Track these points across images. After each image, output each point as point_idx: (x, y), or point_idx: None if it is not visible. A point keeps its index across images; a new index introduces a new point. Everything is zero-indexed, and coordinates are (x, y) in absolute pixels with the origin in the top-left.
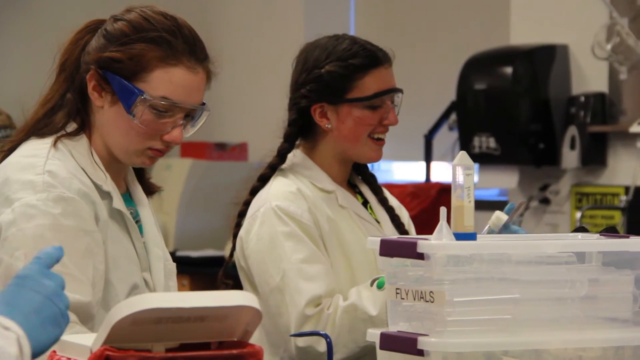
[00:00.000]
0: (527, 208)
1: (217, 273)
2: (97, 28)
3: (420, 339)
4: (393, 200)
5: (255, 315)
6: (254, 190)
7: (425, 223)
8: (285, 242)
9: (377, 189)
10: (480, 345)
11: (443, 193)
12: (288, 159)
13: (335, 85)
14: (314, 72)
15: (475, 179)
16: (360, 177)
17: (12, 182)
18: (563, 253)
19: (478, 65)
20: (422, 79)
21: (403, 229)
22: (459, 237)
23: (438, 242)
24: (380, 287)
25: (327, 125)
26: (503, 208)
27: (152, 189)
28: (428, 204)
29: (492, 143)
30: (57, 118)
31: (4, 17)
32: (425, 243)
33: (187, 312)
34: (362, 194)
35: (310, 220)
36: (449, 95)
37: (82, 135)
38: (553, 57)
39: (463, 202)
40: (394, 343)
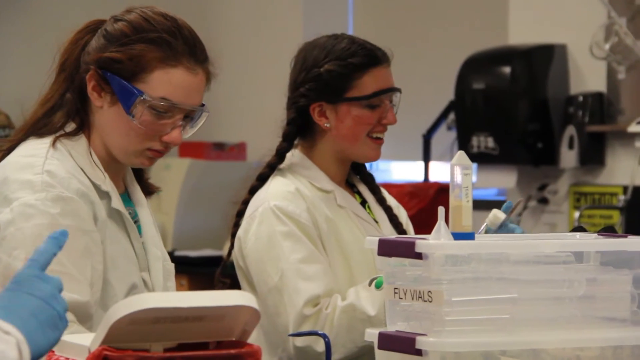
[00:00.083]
0: (525, 207)
1: (215, 273)
2: (97, 28)
3: (419, 339)
4: (391, 200)
5: (254, 315)
6: (253, 190)
7: (424, 223)
8: (284, 241)
9: (375, 189)
10: (479, 345)
11: (441, 193)
12: (287, 159)
13: (334, 84)
14: (313, 71)
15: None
16: (359, 176)
17: (10, 181)
18: (561, 253)
19: (476, 65)
20: (420, 79)
21: (401, 229)
22: (457, 236)
23: (436, 241)
24: (379, 286)
25: (325, 125)
26: (501, 207)
27: (150, 190)
28: (426, 204)
29: (490, 143)
30: (56, 118)
31: (4, 17)
32: (424, 243)
33: (185, 311)
34: (360, 194)
35: (309, 220)
36: (448, 95)
37: (81, 135)
38: (551, 56)
39: (461, 201)
40: (392, 343)
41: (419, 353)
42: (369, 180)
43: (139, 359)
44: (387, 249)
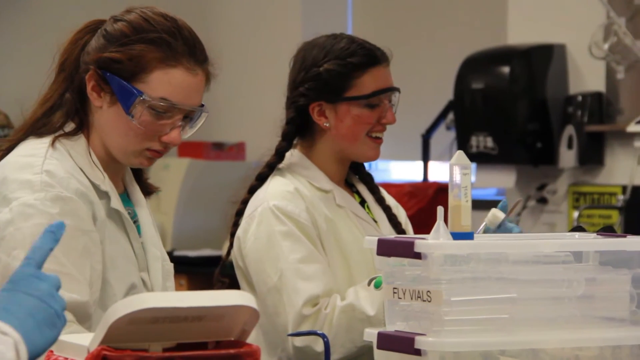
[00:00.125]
0: (524, 207)
1: (214, 273)
2: (96, 28)
3: (418, 339)
4: (390, 200)
5: (253, 315)
6: (252, 189)
7: (423, 222)
8: (283, 241)
9: (374, 188)
10: (478, 345)
11: (440, 192)
12: (286, 158)
13: (334, 84)
14: (313, 70)
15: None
16: (358, 176)
17: (9, 181)
18: (560, 252)
19: (475, 65)
20: (419, 79)
21: (400, 229)
22: (456, 236)
23: (435, 241)
24: (378, 286)
25: (325, 124)
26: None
27: (150, 190)
28: (425, 204)
29: (489, 142)
30: (55, 118)
31: (4, 16)
32: (423, 242)
33: (184, 311)
34: (359, 194)
35: (308, 220)
36: (447, 95)
37: (80, 135)
38: (550, 56)
39: (460, 201)
40: (392, 342)
41: (418, 353)
42: (368, 180)
43: (138, 359)
44: (386, 249)
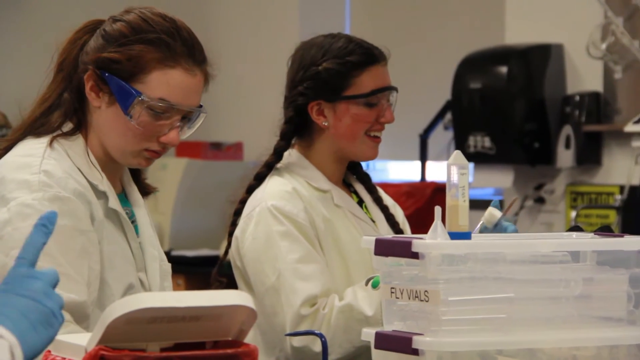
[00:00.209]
0: (522, 207)
1: (212, 272)
2: (95, 28)
3: (415, 338)
4: (387, 199)
5: (250, 315)
6: (250, 189)
7: (420, 222)
8: (281, 241)
9: (371, 188)
10: (475, 345)
11: (438, 192)
12: (284, 158)
13: (333, 83)
14: (311, 69)
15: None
16: (355, 176)
17: (7, 181)
18: (557, 252)
19: (473, 65)
20: (417, 78)
21: (398, 228)
22: (454, 236)
23: (433, 241)
24: (375, 286)
25: (324, 123)
26: (499, 206)
27: (147, 190)
28: (423, 204)
29: (487, 142)
30: (53, 117)
31: (2, 16)
32: (420, 242)
33: (181, 311)
34: (357, 193)
35: (306, 220)
36: (444, 95)
37: (78, 135)
38: (548, 56)
39: (458, 201)
40: (389, 342)
41: (416, 353)
42: (366, 180)
43: (136, 359)
44: (383, 249)
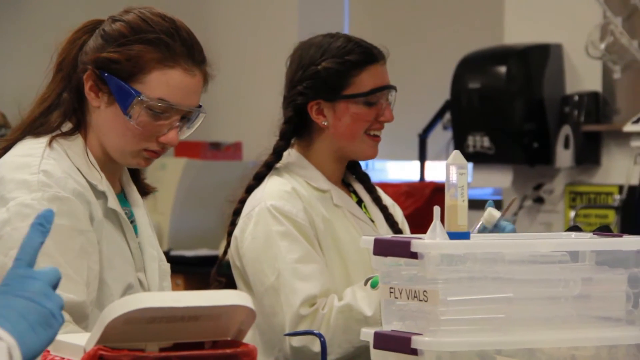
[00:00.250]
0: (520, 207)
1: (211, 272)
2: (95, 28)
3: (414, 338)
4: (386, 199)
5: (249, 315)
6: (250, 189)
7: (419, 222)
8: (280, 241)
9: (371, 188)
10: (474, 345)
11: (437, 192)
12: (283, 158)
13: (332, 82)
14: (310, 68)
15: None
16: (354, 176)
17: (6, 181)
18: (556, 252)
19: (472, 65)
20: (416, 78)
21: (397, 228)
22: (453, 236)
23: (432, 241)
24: (374, 286)
25: (323, 123)
26: (494, 206)
27: (146, 190)
28: (422, 203)
29: (486, 142)
30: (52, 117)
31: (1, 16)
32: (419, 242)
33: (180, 311)
34: (356, 193)
35: (306, 220)
36: (443, 95)
37: (77, 135)
38: (547, 56)
39: (457, 201)
40: (388, 342)
41: (415, 352)
42: (365, 180)
43: (135, 359)
44: (382, 249)
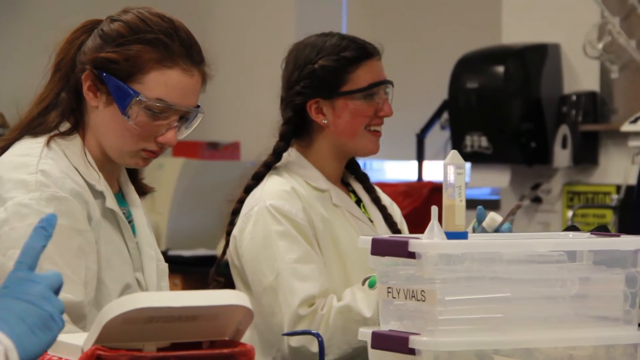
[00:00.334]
0: (519, 207)
1: (209, 272)
2: (93, 28)
3: (412, 338)
4: (385, 198)
5: (247, 315)
6: (248, 189)
7: (417, 222)
8: (279, 241)
9: (369, 188)
10: (472, 344)
11: (435, 192)
12: (283, 158)
13: (330, 80)
14: (307, 68)
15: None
16: (353, 175)
17: (4, 181)
18: (554, 252)
19: (470, 64)
20: (414, 78)
21: (396, 228)
22: (450, 236)
23: (429, 241)
24: (372, 286)
25: (323, 121)
26: (493, 207)
27: (144, 190)
28: (420, 203)
29: (484, 142)
30: (50, 117)
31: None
32: (417, 242)
33: (178, 311)
34: (355, 193)
35: (305, 220)
36: (441, 94)
37: (75, 135)
38: (545, 56)
39: (454, 201)
40: (386, 342)
41: (412, 352)
42: (364, 179)
43: (132, 359)
44: (380, 249)
